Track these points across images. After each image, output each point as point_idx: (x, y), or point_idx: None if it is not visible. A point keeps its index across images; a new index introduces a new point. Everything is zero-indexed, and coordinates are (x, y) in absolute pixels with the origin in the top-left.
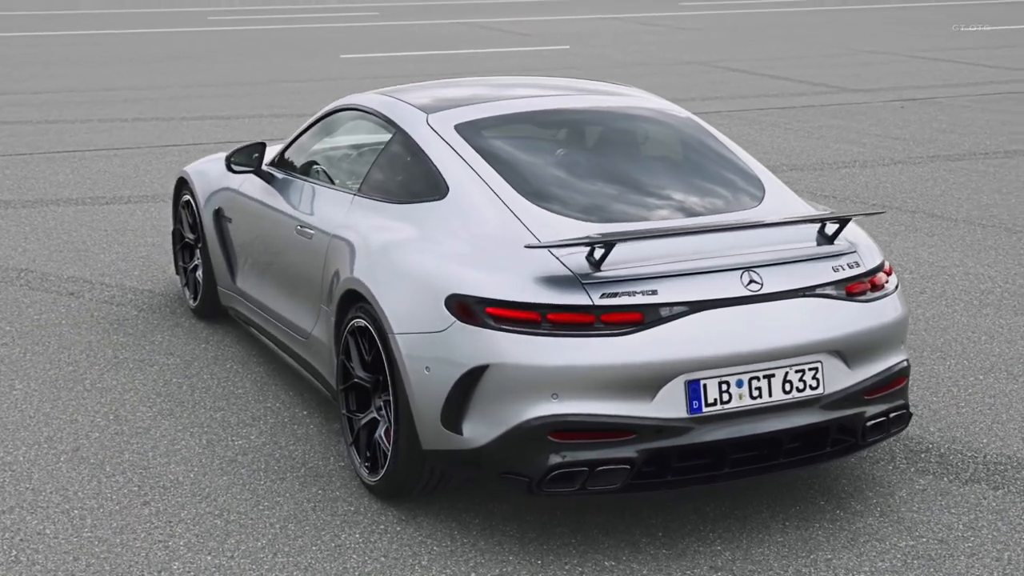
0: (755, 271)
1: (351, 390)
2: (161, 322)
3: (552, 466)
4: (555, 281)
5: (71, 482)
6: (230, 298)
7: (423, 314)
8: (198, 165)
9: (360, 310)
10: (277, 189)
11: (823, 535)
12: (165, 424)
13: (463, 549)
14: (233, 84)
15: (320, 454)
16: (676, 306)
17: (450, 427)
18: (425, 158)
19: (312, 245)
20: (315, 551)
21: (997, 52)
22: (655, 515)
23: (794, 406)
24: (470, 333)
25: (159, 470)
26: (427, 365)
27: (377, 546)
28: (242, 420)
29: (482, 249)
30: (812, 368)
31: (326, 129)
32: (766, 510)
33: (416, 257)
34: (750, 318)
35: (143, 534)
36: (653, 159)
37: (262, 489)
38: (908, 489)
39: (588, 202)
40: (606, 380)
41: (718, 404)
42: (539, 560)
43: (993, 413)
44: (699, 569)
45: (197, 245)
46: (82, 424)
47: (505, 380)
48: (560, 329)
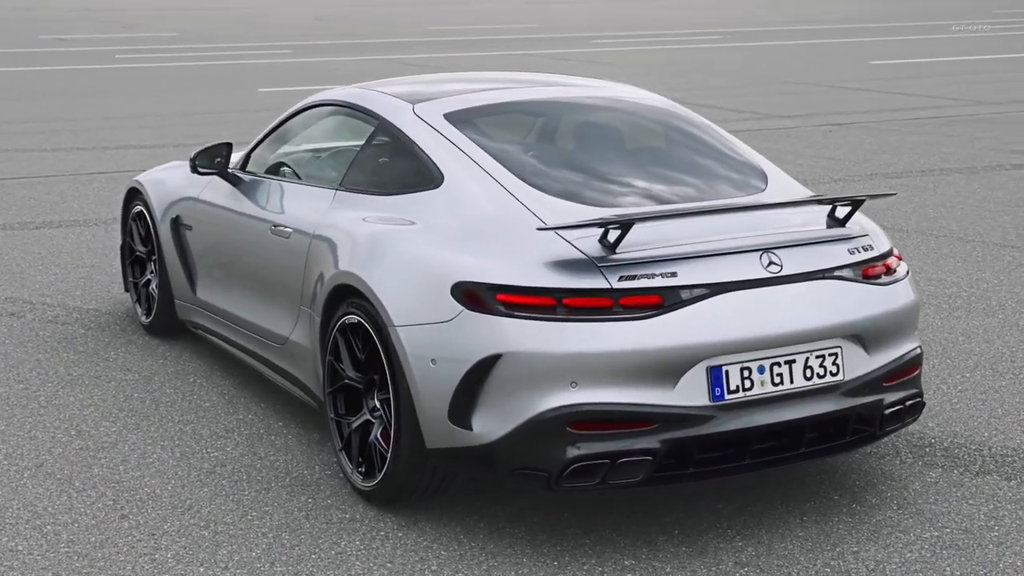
0: (774, 252)
1: (339, 393)
2: (112, 339)
3: (572, 459)
4: (569, 265)
5: (38, 498)
6: (189, 311)
7: (426, 304)
8: (152, 174)
9: (352, 305)
10: (245, 191)
11: (844, 528)
12: (133, 438)
13: (472, 552)
14: (152, 116)
15: (304, 463)
16: (697, 288)
17: (458, 423)
18: (415, 148)
19: (290, 245)
20: (315, 559)
21: (912, 82)
22: (667, 513)
23: (815, 393)
24: (480, 321)
25: (133, 483)
26: (432, 358)
27: (380, 552)
28: (215, 432)
29: (487, 235)
30: (832, 354)
31: (297, 127)
32: (780, 506)
33: (415, 247)
34: (771, 300)
35: (125, 548)
36: (652, 147)
37: (247, 500)
38: (921, 482)
39: (592, 187)
40: (627, 367)
41: (740, 391)
42: (555, 561)
43: (988, 408)
44: (724, 565)
45: (151, 258)
46: (42, 440)
47: (519, 369)
48: (577, 314)
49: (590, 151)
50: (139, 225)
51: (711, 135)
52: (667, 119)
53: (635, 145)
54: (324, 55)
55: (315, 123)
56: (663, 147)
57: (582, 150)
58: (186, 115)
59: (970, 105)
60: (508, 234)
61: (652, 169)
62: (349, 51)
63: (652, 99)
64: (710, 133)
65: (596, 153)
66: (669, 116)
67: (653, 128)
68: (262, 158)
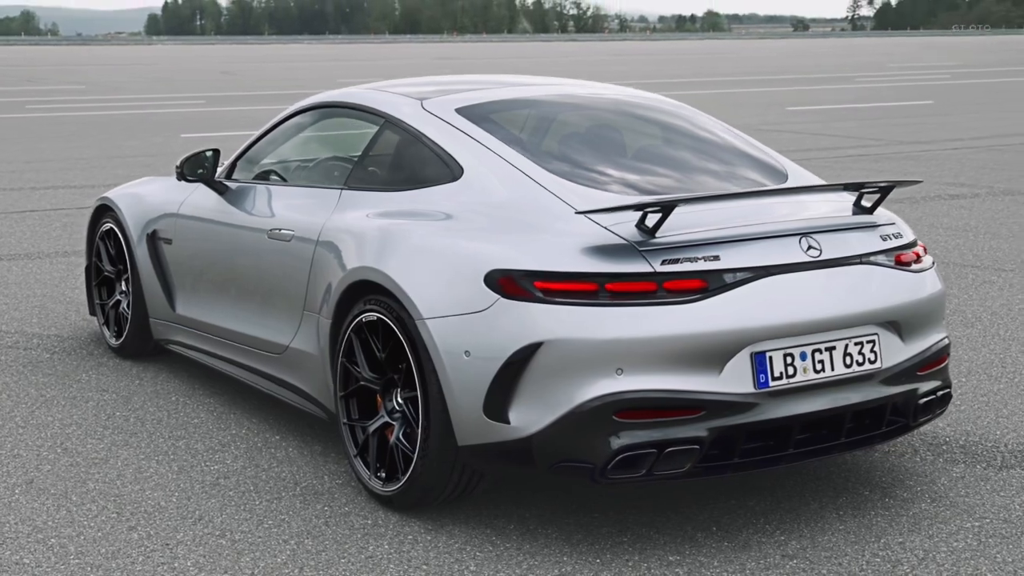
0: (812, 237)
1: (351, 397)
2: (81, 362)
3: (618, 449)
4: (608, 250)
5: (35, 512)
6: (167, 329)
7: (458, 295)
8: (123, 189)
9: (371, 302)
10: (236, 198)
11: (883, 521)
12: (124, 453)
13: (510, 553)
14: (75, 159)
15: (311, 473)
16: (740, 272)
17: (495, 416)
18: (428, 142)
19: (291, 248)
20: (344, 563)
21: (833, 125)
22: (700, 512)
23: (854, 381)
24: (518, 309)
25: (134, 496)
26: (466, 349)
27: (413, 555)
28: (210, 447)
29: (518, 223)
30: (869, 341)
31: (287, 132)
32: (813, 502)
33: (440, 239)
34: (813, 284)
35: (140, 558)
36: (672, 140)
37: (260, 509)
38: (947, 477)
39: (617, 176)
40: (673, 352)
41: (784, 378)
42: (597, 559)
43: (993, 408)
44: (770, 558)
45: (121, 277)
46: (27, 458)
47: (561, 357)
48: (620, 299)
49: (607, 144)
50: (109, 243)
51: (729, 132)
52: (684, 116)
53: (653, 139)
54: (238, 104)
55: (308, 127)
56: (683, 141)
57: (600, 143)
58: (110, 158)
59: (893, 144)
60: (540, 221)
61: (674, 161)
62: (262, 101)
63: (664, 100)
64: (728, 131)
65: (614, 146)
66: (685, 113)
67: (671, 123)
68: (249, 166)
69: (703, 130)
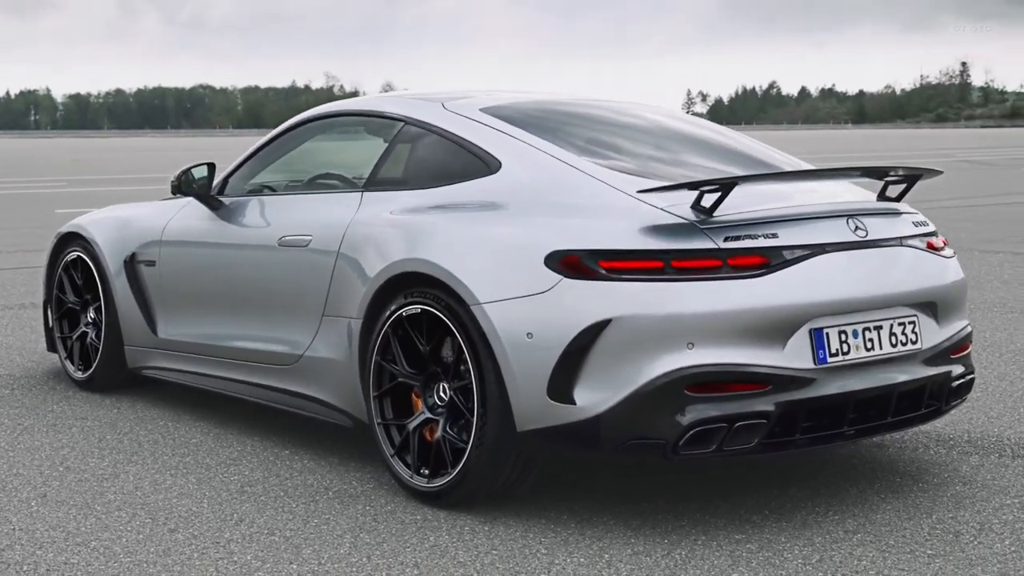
0: (858, 219)
1: (386, 396)
2: (47, 395)
3: (690, 424)
4: (669, 229)
5: (63, 521)
6: (146, 355)
7: (516, 278)
8: (92, 216)
9: (415, 295)
10: (233, 212)
11: (927, 501)
12: (133, 470)
13: (575, 537)
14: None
15: (338, 479)
16: (797, 249)
17: (559, 398)
18: (458, 140)
19: (308, 254)
20: (411, 552)
21: None
22: (746, 500)
23: (899, 360)
24: (584, 288)
25: (163, 504)
26: (528, 331)
27: (477, 543)
28: (221, 461)
29: (573, 207)
30: (911, 321)
31: (286, 145)
32: (851, 488)
33: (489, 226)
34: (863, 262)
35: (195, 555)
36: (697, 140)
37: (299, 511)
38: (967, 465)
39: (655, 167)
40: (741, 326)
41: (839, 355)
42: (664, 539)
43: (984, 408)
44: (834, 534)
45: (89, 307)
46: (29, 476)
47: (631, 333)
48: (688, 275)
49: (635, 139)
50: (76, 273)
51: (750, 139)
52: (701, 123)
53: (678, 138)
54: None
55: (312, 137)
56: (708, 139)
57: (627, 138)
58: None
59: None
60: (595, 204)
61: (705, 155)
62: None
63: (681, 112)
64: (742, 137)
65: (641, 140)
66: (702, 121)
67: (691, 129)
68: (240, 183)
69: (731, 137)
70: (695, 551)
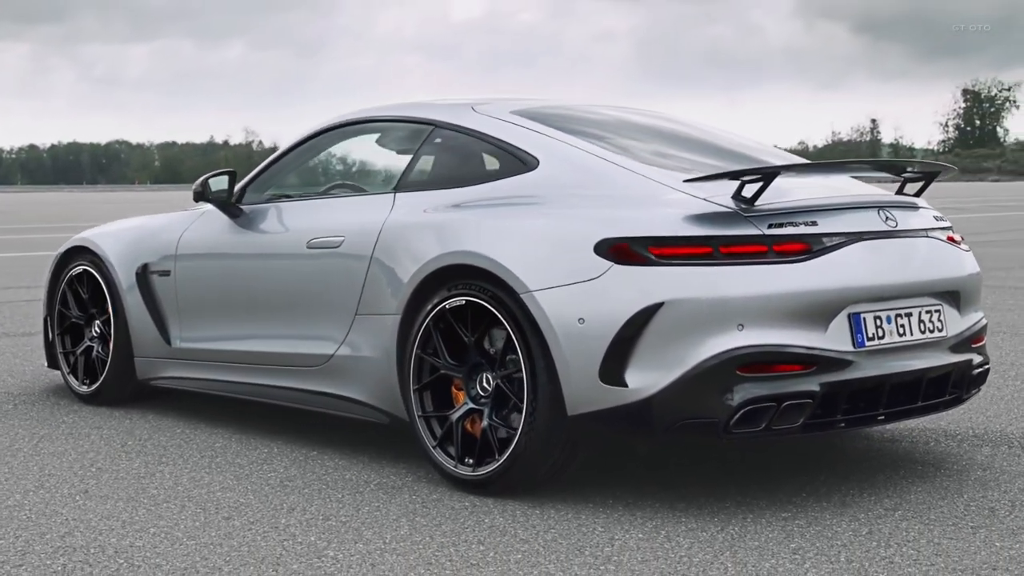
0: (888, 210)
1: (425, 389)
2: (54, 409)
3: (741, 403)
4: (714, 217)
5: (114, 512)
6: (159, 366)
7: (565, 266)
8: (99, 229)
9: (460, 287)
10: (255, 218)
11: (954, 484)
12: (167, 470)
13: (626, 518)
14: None
15: (376, 474)
16: (835, 236)
17: (611, 380)
18: (493, 140)
19: (340, 254)
20: (471, 532)
21: None
22: (782, 486)
23: (927, 346)
24: (635, 274)
25: (207, 497)
26: (580, 317)
27: (534, 524)
28: (253, 461)
29: (618, 198)
30: (936, 310)
31: (307, 153)
32: (878, 474)
33: (534, 218)
34: (895, 251)
35: (257, 538)
36: (717, 147)
37: (347, 500)
38: (981, 455)
39: (689, 163)
40: (788, 309)
41: (876, 339)
42: (715, 518)
43: (981, 409)
44: (875, 510)
45: (91, 322)
46: (65, 476)
47: (683, 316)
48: (736, 259)
49: (662, 138)
50: (81, 287)
51: (767, 146)
52: (707, 125)
53: (702, 141)
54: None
55: (334, 144)
56: (721, 137)
57: (655, 137)
58: None
59: None
60: (639, 195)
61: (729, 156)
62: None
63: (685, 116)
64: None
65: (668, 140)
66: (707, 123)
67: (709, 134)
68: (269, 185)
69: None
70: (747, 527)
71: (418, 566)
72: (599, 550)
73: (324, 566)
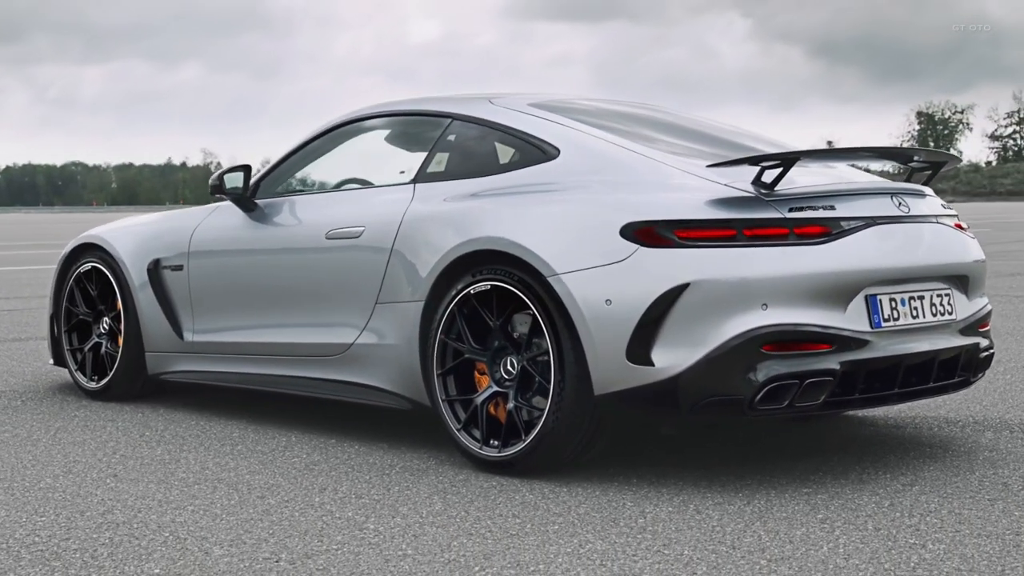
0: (899, 196)
1: (449, 374)
2: (63, 405)
3: (766, 380)
4: (736, 201)
5: (150, 492)
6: (171, 360)
7: (592, 249)
8: (108, 227)
9: (485, 272)
10: (270, 212)
11: (964, 463)
12: (190, 456)
13: (653, 493)
14: None
15: (399, 458)
16: (852, 220)
17: (638, 360)
18: (512, 131)
19: (360, 244)
20: (503, 507)
21: None
22: (795, 466)
23: (939, 328)
24: (661, 256)
25: (237, 480)
26: (607, 298)
27: (562, 499)
28: (273, 448)
29: (641, 184)
30: (946, 294)
31: (321, 148)
32: (889, 455)
33: (559, 204)
34: (909, 235)
35: (295, 513)
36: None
37: (375, 481)
38: (985, 438)
39: (704, 152)
40: (809, 290)
41: (891, 320)
42: (739, 494)
43: (977, 399)
44: (894, 485)
45: (102, 318)
46: (90, 462)
47: (708, 296)
48: (759, 242)
49: (675, 132)
50: (90, 284)
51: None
52: (724, 123)
53: (710, 132)
54: None
55: (348, 139)
56: (724, 129)
57: (668, 130)
58: None
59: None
60: (662, 181)
61: (739, 146)
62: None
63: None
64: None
65: (682, 134)
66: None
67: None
68: (284, 179)
69: (732, 127)
70: (771, 501)
71: (459, 536)
72: (632, 522)
73: (367, 537)
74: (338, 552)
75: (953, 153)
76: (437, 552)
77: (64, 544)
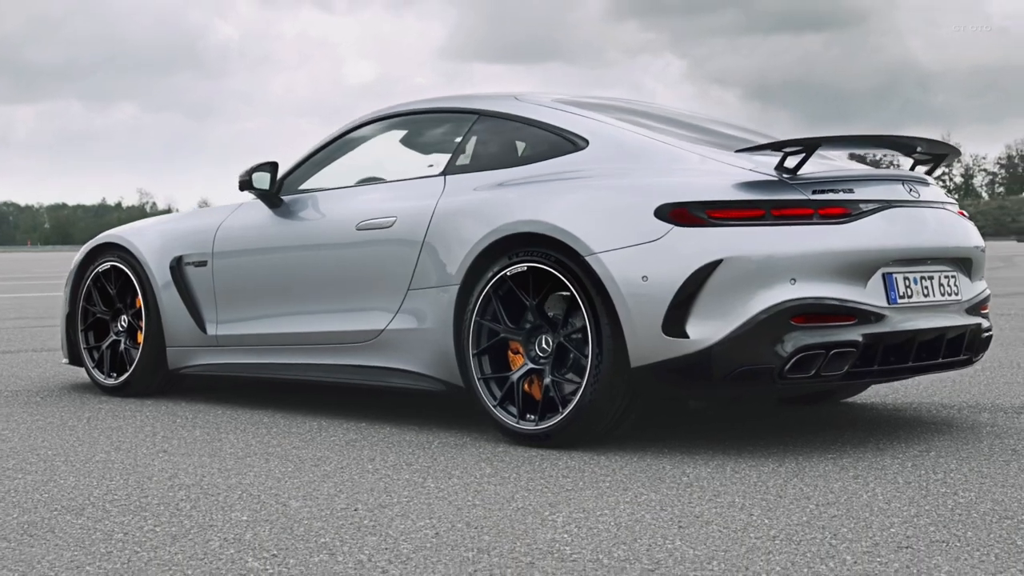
0: (908, 183)
1: (483, 354)
2: (84, 401)
3: (796, 350)
4: (762, 184)
5: (205, 463)
6: (193, 354)
7: (628, 230)
8: (127, 227)
9: (521, 255)
10: (297, 207)
11: (971, 435)
12: (231, 438)
13: (688, 459)
14: None
15: (434, 436)
16: (870, 203)
17: (674, 332)
18: (540, 124)
19: (393, 234)
20: (549, 469)
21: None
22: (813, 439)
23: (948, 307)
24: (695, 234)
25: (286, 453)
26: (644, 275)
27: (603, 464)
28: (309, 430)
29: (671, 169)
30: (953, 276)
31: (346, 146)
32: (899, 431)
33: (593, 190)
34: (920, 218)
35: (355, 476)
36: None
37: (420, 454)
38: (984, 419)
39: (721, 143)
40: (834, 266)
41: (906, 297)
42: (768, 460)
43: (968, 387)
44: (910, 452)
45: (119, 316)
46: (137, 442)
47: (740, 271)
48: (786, 221)
49: (694, 128)
50: (108, 283)
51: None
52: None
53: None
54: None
55: (373, 137)
56: (731, 124)
57: (685, 125)
58: None
59: None
60: (691, 166)
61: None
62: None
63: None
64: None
65: (697, 127)
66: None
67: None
68: (310, 176)
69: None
70: (801, 464)
71: (520, 492)
72: (676, 480)
73: (431, 493)
74: (409, 503)
75: (953, 146)
76: (504, 502)
77: (143, 501)
